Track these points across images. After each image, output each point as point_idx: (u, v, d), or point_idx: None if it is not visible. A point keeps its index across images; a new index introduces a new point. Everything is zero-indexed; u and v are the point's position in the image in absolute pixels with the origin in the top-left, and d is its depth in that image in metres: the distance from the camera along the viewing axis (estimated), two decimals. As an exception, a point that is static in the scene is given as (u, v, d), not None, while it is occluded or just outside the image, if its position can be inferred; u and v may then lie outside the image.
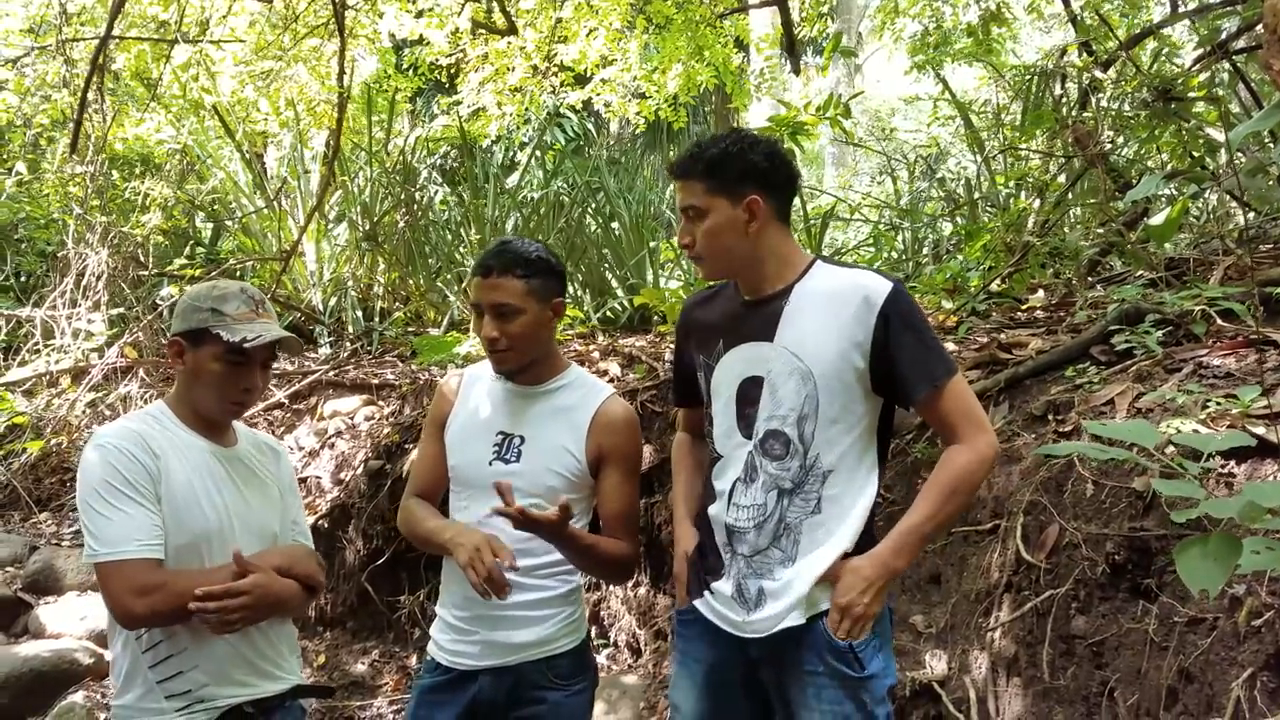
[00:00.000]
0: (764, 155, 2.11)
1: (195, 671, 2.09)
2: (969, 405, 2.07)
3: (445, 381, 2.59)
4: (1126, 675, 2.50)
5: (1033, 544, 2.98)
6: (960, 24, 9.67)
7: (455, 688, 2.34)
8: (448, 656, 2.37)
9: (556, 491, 2.30)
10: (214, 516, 2.13)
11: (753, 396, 2.12)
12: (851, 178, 14.25)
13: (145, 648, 2.08)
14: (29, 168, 7.53)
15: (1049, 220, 5.51)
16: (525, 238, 2.57)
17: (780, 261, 2.15)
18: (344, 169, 7.46)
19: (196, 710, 2.09)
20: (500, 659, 2.32)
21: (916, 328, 2.06)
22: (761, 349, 2.12)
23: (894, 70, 30.58)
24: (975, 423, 2.06)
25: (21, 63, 6.46)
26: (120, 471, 2.03)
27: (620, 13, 8.49)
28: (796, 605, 2.05)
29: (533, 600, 2.32)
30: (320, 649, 5.10)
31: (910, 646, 3.27)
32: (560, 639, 2.36)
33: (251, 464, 2.29)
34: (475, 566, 2.11)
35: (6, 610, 5.10)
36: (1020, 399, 3.58)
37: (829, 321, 2.06)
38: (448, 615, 2.40)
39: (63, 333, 6.68)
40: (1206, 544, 1.26)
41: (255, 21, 7.67)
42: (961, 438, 2.04)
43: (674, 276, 7.48)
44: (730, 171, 2.09)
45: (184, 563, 2.07)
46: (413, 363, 6.16)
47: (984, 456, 2.03)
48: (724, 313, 2.24)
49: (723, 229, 2.10)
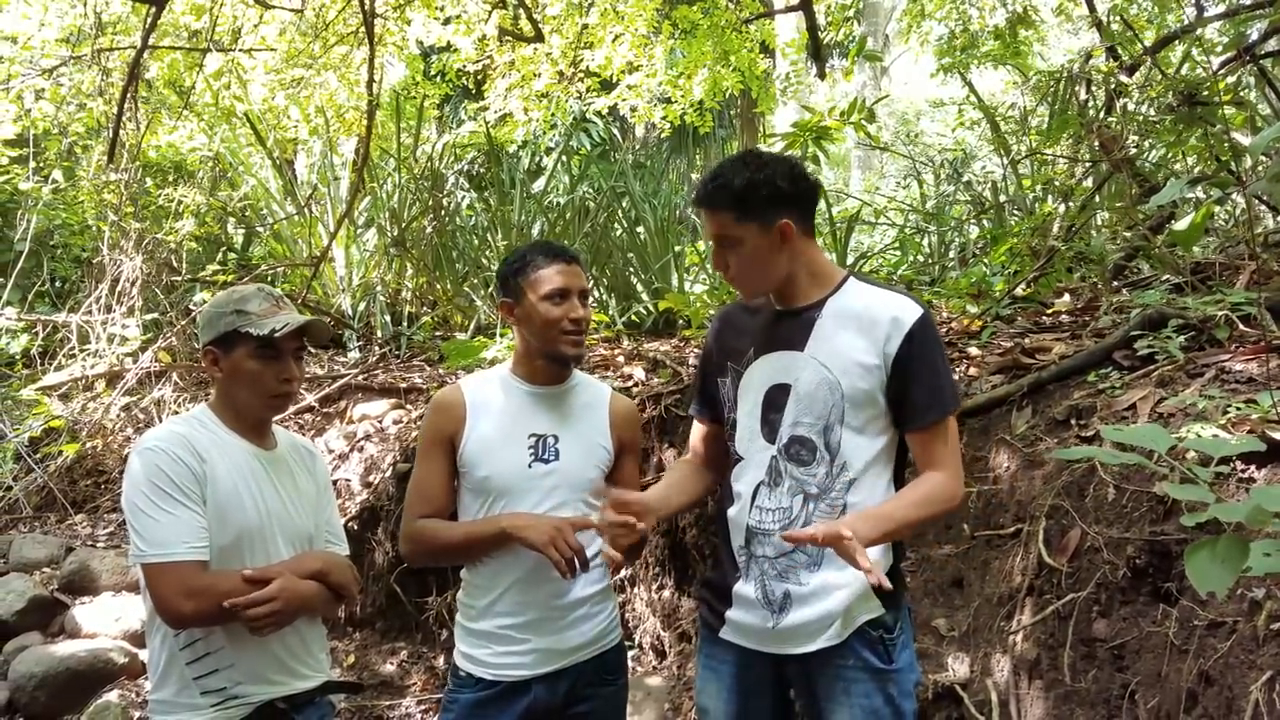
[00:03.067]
0: (787, 177, 2.14)
1: (230, 670, 2.14)
2: (953, 444, 2.14)
3: (445, 398, 2.48)
4: (1147, 678, 2.52)
5: (1054, 548, 3.00)
6: (987, 27, 9.67)
7: (506, 700, 2.34)
8: (492, 671, 2.34)
9: (594, 483, 2.41)
10: (255, 516, 2.19)
11: (779, 403, 2.15)
12: (877, 181, 14.23)
13: (182, 645, 2.13)
14: (65, 175, 7.65)
15: (1074, 224, 5.50)
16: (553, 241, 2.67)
17: (813, 275, 2.19)
18: (373, 175, 7.55)
19: (231, 706, 2.15)
20: (554, 664, 2.34)
21: (936, 357, 2.11)
22: (792, 358, 2.16)
23: (920, 73, 30.43)
24: (957, 465, 2.13)
25: (58, 72, 6.57)
26: (167, 474, 2.08)
27: (646, 18, 8.53)
28: (833, 621, 2.07)
29: (582, 598, 2.38)
30: (350, 649, 5.16)
31: (932, 649, 3.28)
32: (608, 635, 2.44)
33: (290, 466, 2.35)
34: (558, 545, 2.18)
35: (44, 610, 5.19)
36: (1043, 403, 3.59)
37: (858, 337, 2.10)
38: (487, 625, 2.36)
39: (98, 337, 6.79)
40: (1215, 546, 1.28)
41: (286, 30, 7.77)
42: (941, 469, 2.10)
43: (699, 281, 7.52)
44: (758, 199, 2.11)
45: (227, 561, 2.13)
46: (440, 367, 6.22)
47: (957, 495, 2.11)
48: (757, 322, 2.27)
49: (758, 254, 2.13)
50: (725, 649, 2.24)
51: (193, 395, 6.40)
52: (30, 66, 6.37)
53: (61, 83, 6.75)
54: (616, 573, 2.32)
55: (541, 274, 2.37)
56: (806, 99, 11.66)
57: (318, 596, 2.24)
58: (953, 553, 3.48)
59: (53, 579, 5.38)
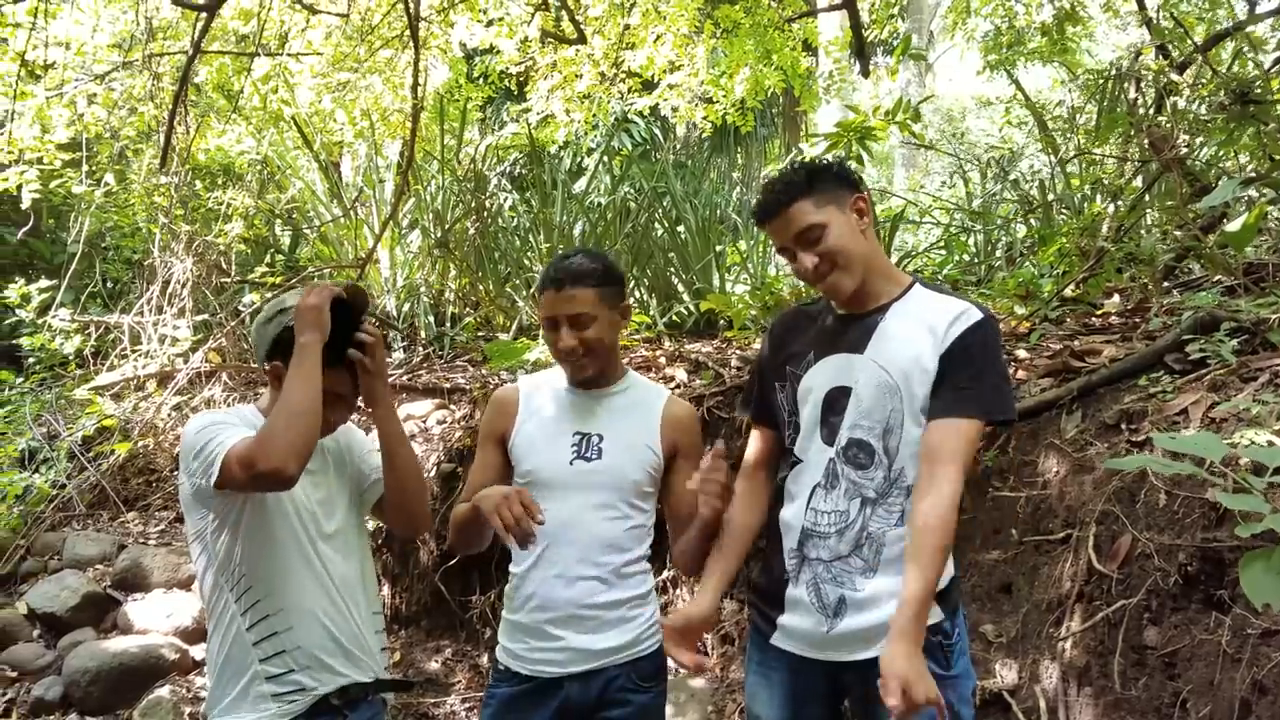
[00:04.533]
0: (838, 164, 2.16)
1: (297, 652, 2.22)
2: (968, 457, 2.04)
3: (501, 395, 2.59)
4: (1199, 687, 2.48)
5: (1105, 554, 2.96)
6: (1034, 23, 9.54)
7: (539, 696, 2.36)
8: (528, 666, 2.38)
9: (639, 485, 2.41)
10: (293, 513, 2.29)
11: (839, 406, 2.13)
12: (922, 179, 14.11)
13: (250, 624, 2.21)
14: (117, 179, 7.78)
15: (1124, 225, 5.41)
16: (583, 248, 2.63)
17: (881, 274, 2.17)
18: (417, 177, 7.59)
19: (291, 699, 2.20)
20: (588, 664, 2.35)
21: (990, 357, 2.06)
22: (851, 360, 2.14)
23: (966, 70, 30.14)
24: (956, 477, 1.99)
25: (110, 78, 6.68)
26: (225, 418, 2.23)
27: (688, 18, 8.52)
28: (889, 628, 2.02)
29: (619, 600, 2.38)
30: (395, 646, 5.21)
31: (981, 656, 3.26)
32: (644, 641, 2.41)
33: (329, 456, 2.42)
34: (502, 512, 2.11)
35: (97, 607, 5.30)
36: (1093, 407, 3.55)
37: (920, 342, 2.08)
38: (525, 619, 2.40)
39: (149, 338, 6.91)
40: (1270, 558, 1.26)
41: (332, 34, 7.84)
42: (946, 477, 1.98)
43: (740, 281, 7.50)
44: (829, 178, 2.12)
45: (276, 558, 2.23)
46: (483, 367, 6.26)
47: (946, 516, 1.96)
48: (817, 326, 2.26)
49: (846, 235, 2.11)
50: (777, 656, 2.22)
51: (241, 395, 6.50)
52: (83, 72, 6.48)
53: (113, 88, 6.86)
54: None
55: (541, 299, 2.41)
56: (850, 97, 11.59)
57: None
58: (1001, 558, 3.45)
59: (105, 576, 5.49)
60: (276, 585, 2.24)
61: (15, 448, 6.34)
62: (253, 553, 2.23)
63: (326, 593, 2.29)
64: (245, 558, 2.23)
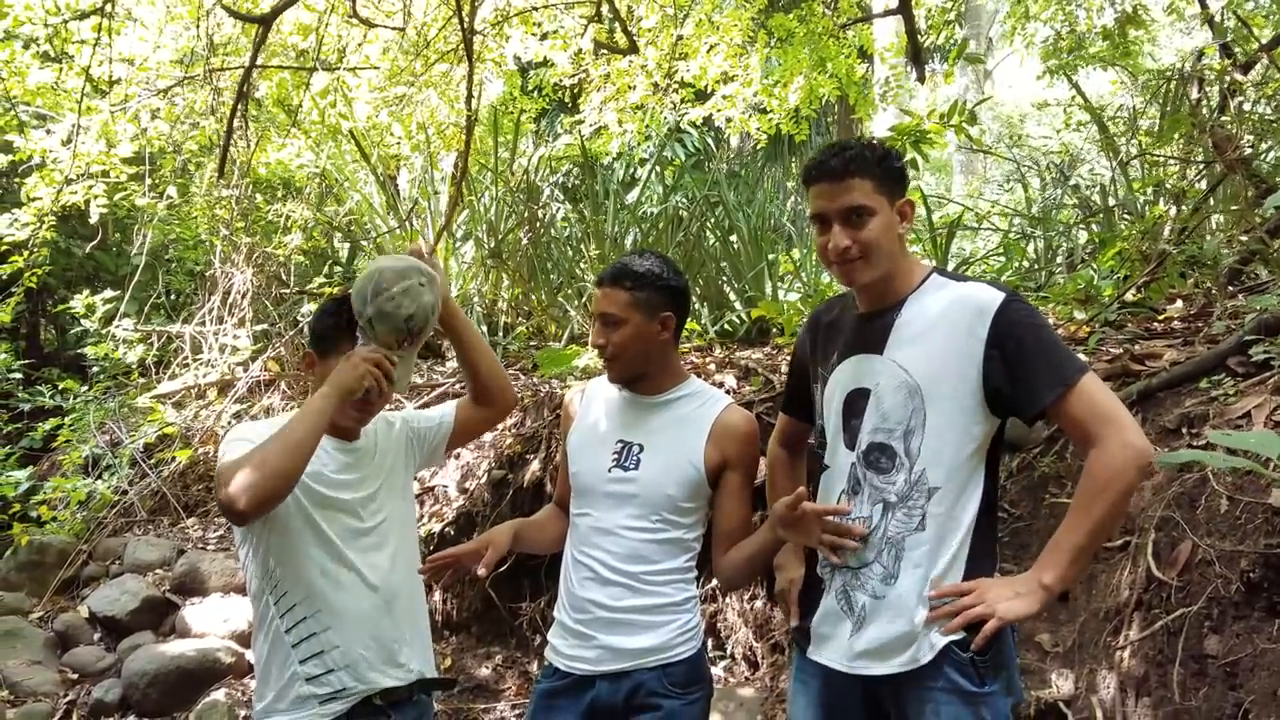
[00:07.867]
0: (903, 161, 2.10)
1: (336, 652, 2.24)
2: (1101, 404, 1.91)
3: (566, 399, 2.70)
4: (1261, 697, 2.40)
5: (1164, 561, 2.88)
6: (1094, 28, 9.39)
7: (573, 692, 2.38)
8: (565, 661, 2.41)
9: (674, 500, 2.38)
10: (321, 520, 2.31)
11: (859, 409, 2.08)
12: (981, 185, 13.93)
13: (288, 627, 2.23)
14: (179, 192, 7.95)
15: (1187, 228, 5.29)
16: (649, 251, 2.61)
17: (900, 273, 2.11)
18: (471, 189, 7.67)
19: (333, 699, 2.21)
20: (617, 664, 2.35)
21: (1036, 333, 1.96)
22: (871, 361, 2.08)
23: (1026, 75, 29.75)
24: (1111, 420, 1.89)
25: (172, 92, 6.84)
26: (247, 433, 2.25)
27: (741, 28, 8.50)
28: (911, 642, 1.98)
29: (650, 605, 2.36)
30: (445, 652, 5.23)
31: (1036, 665, 3.19)
32: (676, 646, 2.38)
33: (371, 450, 2.43)
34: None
35: (156, 610, 5.40)
36: (1153, 412, 3.47)
37: (940, 337, 2.01)
38: (566, 619, 2.44)
39: (210, 348, 7.05)
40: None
41: (388, 49, 7.95)
42: (1096, 440, 1.90)
43: (793, 289, 7.44)
44: (894, 171, 2.06)
45: (309, 564, 2.26)
46: (534, 375, 6.29)
47: (1121, 456, 1.86)
48: (843, 325, 2.20)
49: (886, 230, 2.03)
50: (814, 664, 2.18)
51: (299, 404, 6.59)
52: (146, 87, 6.63)
53: (176, 102, 7.01)
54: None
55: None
56: (906, 104, 11.48)
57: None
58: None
59: (164, 580, 5.60)
60: (312, 590, 2.26)
61: (79, 454, 6.49)
62: (284, 559, 2.26)
63: (363, 592, 2.30)
64: (279, 563, 2.26)
